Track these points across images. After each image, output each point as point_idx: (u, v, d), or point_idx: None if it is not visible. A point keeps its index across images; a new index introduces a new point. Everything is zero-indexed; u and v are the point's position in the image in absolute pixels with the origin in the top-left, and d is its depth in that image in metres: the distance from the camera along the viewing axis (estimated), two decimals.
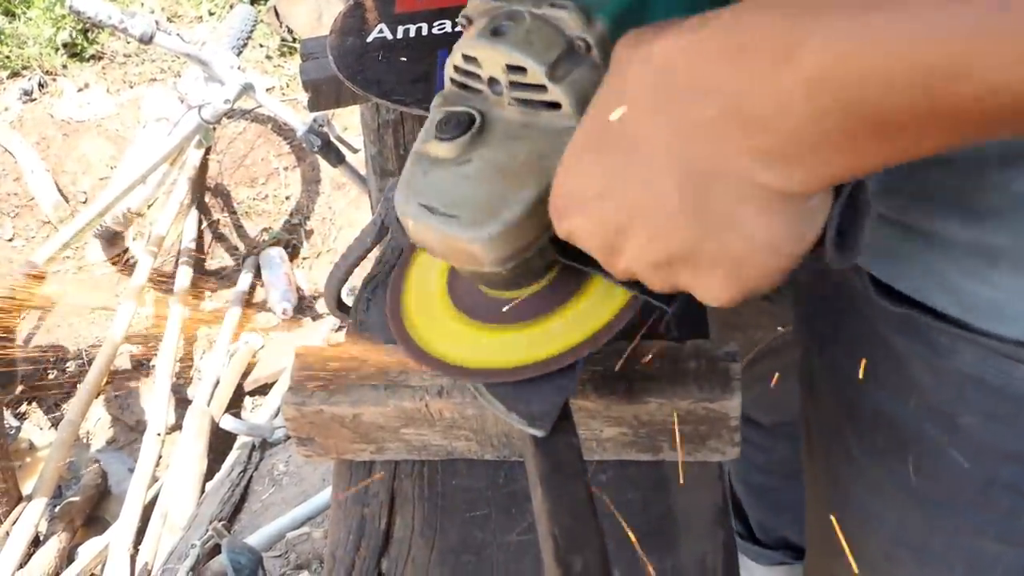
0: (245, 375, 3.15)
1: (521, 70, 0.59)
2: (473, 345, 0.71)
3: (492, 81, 0.61)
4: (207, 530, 2.14)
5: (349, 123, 3.58)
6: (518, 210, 0.58)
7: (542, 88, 0.59)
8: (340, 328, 3.10)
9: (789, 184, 0.45)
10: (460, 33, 0.62)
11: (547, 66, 0.58)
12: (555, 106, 0.60)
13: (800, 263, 0.51)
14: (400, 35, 1.51)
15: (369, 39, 1.51)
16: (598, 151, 0.52)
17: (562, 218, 0.56)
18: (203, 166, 3.74)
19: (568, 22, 0.59)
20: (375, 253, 1.10)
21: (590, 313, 0.68)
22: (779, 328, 1.15)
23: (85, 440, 3.05)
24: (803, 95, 0.41)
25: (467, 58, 0.61)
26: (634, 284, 0.59)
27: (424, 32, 1.51)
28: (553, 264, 0.67)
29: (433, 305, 0.75)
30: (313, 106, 1.78)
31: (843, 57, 0.39)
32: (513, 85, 0.60)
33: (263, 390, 3.12)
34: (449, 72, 0.64)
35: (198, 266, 3.53)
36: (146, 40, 2.80)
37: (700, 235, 0.49)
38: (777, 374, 1.14)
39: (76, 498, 2.71)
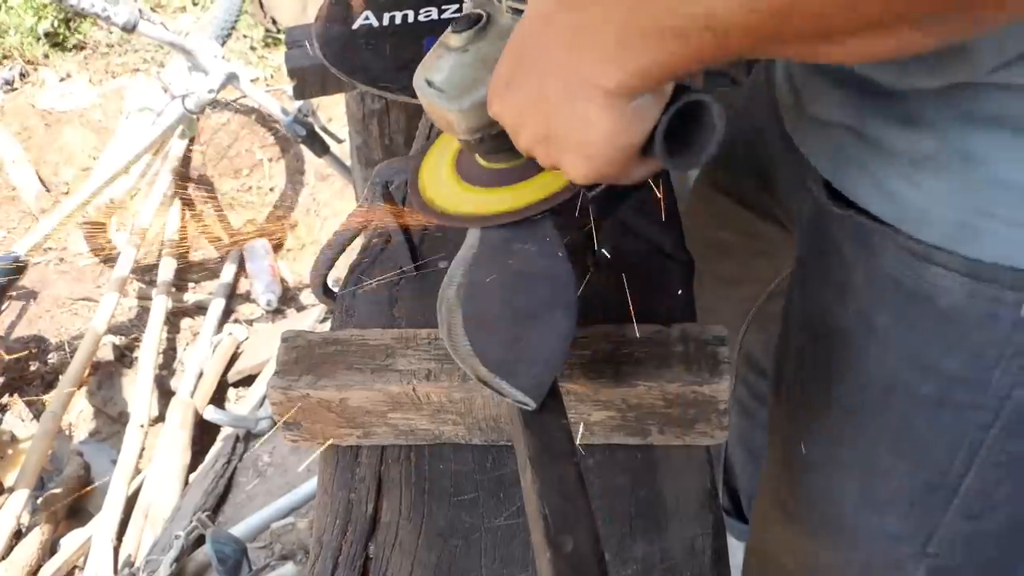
0: (229, 366, 3.13)
1: None
2: (462, 200, 0.83)
3: None
4: (191, 521, 2.13)
5: (334, 114, 3.56)
6: (484, 92, 0.69)
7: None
8: (325, 319, 3.09)
9: (611, 82, 0.56)
10: (446, 19, 0.72)
11: None
12: None
13: (641, 160, 0.63)
14: (386, 22, 1.50)
15: (355, 26, 1.51)
16: (511, 51, 0.64)
17: (490, 100, 0.67)
18: (186, 157, 3.72)
19: None
20: (360, 240, 1.10)
21: (552, 182, 0.78)
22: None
23: (67, 432, 3.02)
24: (625, 10, 0.52)
25: None
26: None
27: (410, 19, 1.50)
28: None
29: (442, 173, 0.87)
30: (298, 94, 1.77)
31: None
32: None
33: (247, 381, 3.10)
34: None
35: (181, 257, 3.51)
36: (129, 28, 2.78)
37: (558, 123, 0.61)
38: None
39: (58, 490, 2.69)
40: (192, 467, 2.70)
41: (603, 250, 0.94)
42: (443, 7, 1.50)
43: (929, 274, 0.78)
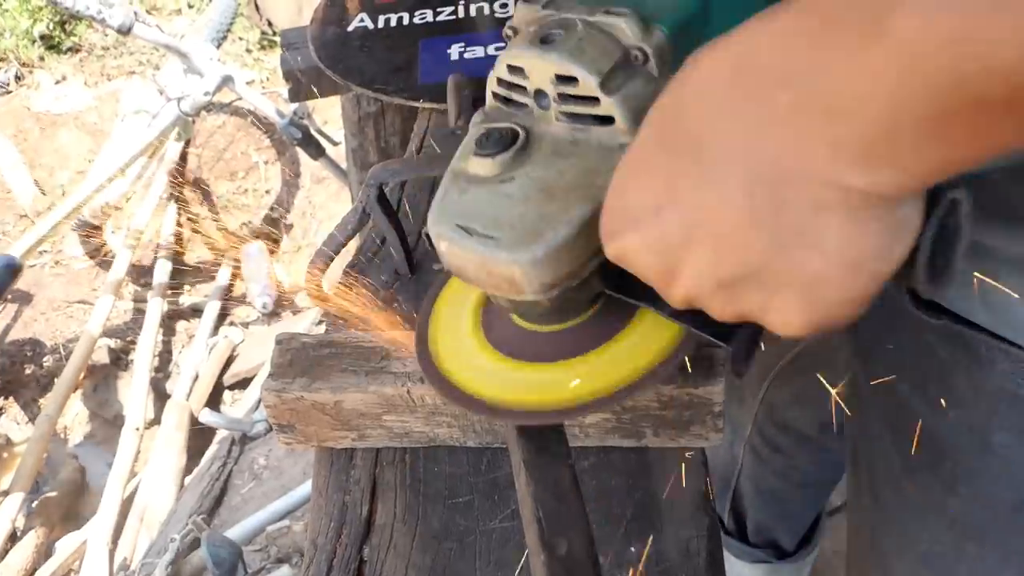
0: (224, 369, 3.13)
1: (572, 80, 0.55)
2: (504, 381, 0.66)
3: (539, 93, 0.57)
4: (186, 524, 2.13)
5: (329, 117, 3.56)
6: (564, 232, 0.54)
7: (594, 100, 0.55)
8: (321, 321, 3.09)
9: (876, 184, 0.39)
10: (441, 22, 0.59)
11: (600, 76, 0.54)
12: (608, 120, 0.56)
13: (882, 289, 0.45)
14: (381, 24, 1.51)
15: (350, 28, 1.51)
16: (656, 161, 0.46)
17: (613, 238, 0.50)
18: (182, 159, 3.72)
19: (624, 31, 0.55)
20: (356, 241, 1.10)
21: (635, 352, 0.64)
22: None
23: (63, 435, 3.02)
24: (894, 72, 0.35)
25: (512, 69, 0.58)
26: (689, 318, 0.55)
27: (405, 22, 1.50)
28: (598, 297, 0.63)
29: (463, 338, 0.70)
30: (294, 96, 1.77)
31: (938, 25, 0.33)
32: (562, 98, 0.56)
33: (243, 384, 3.10)
34: (491, 86, 0.60)
35: (177, 260, 3.51)
36: (124, 31, 2.78)
37: (772, 250, 0.43)
38: (820, 375, 1.08)
39: (53, 493, 2.69)
40: (188, 470, 2.69)
41: None
42: (438, 9, 1.51)
43: None
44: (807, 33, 0.38)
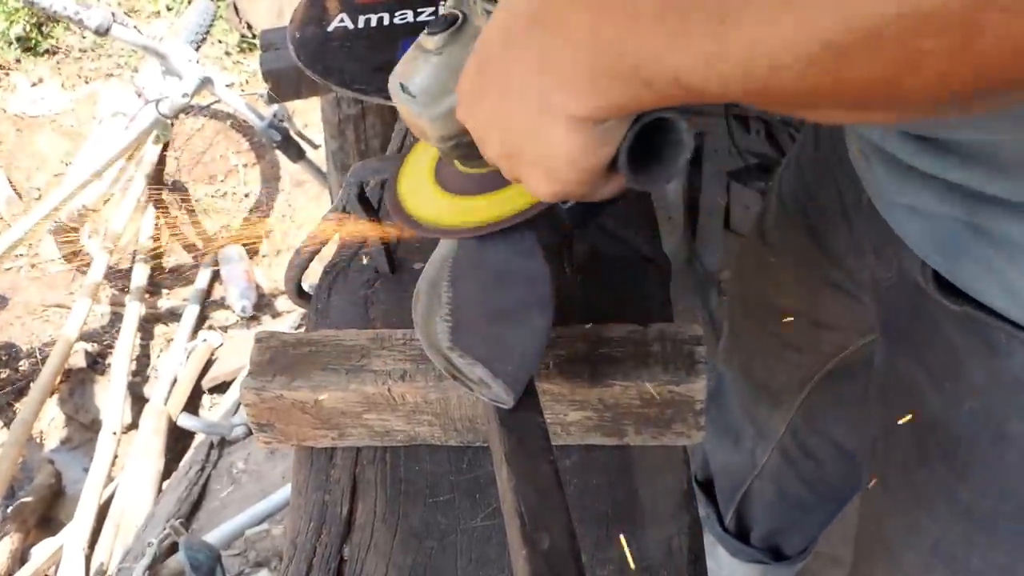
0: (203, 373, 3.10)
1: None
2: (442, 209, 0.80)
3: None
4: (164, 528, 2.11)
5: (309, 119, 3.55)
6: (454, 100, 0.66)
7: None
8: (301, 325, 3.07)
9: (576, 109, 0.54)
10: (422, 22, 0.68)
11: None
12: None
13: (607, 179, 0.61)
14: (361, 25, 1.50)
15: (330, 28, 1.50)
16: (475, 62, 0.61)
17: (458, 108, 0.65)
18: (160, 162, 3.69)
19: None
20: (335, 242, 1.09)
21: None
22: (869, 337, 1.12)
23: (38, 440, 2.99)
24: (585, 20, 0.50)
25: None
26: None
27: (386, 22, 1.49)
28: None
29: (421, 180, 0.84)
30: (274, 97, 1.76)
31: (607, 25, 0.49)
32: None
33: (221, 388, 3.08)
34: None
35: (155, 263, 3.48)
36: (102, 32, 2.75)
37: (521, 139, 0.59)
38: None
39: (29, 498, 2.66)
40: (166, 474, 2.67)
41: (577, 253, 0.94)
42: (419, 10, 1.50)
43: None
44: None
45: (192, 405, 3.01)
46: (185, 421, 2.57)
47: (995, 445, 0.78)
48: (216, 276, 3.47)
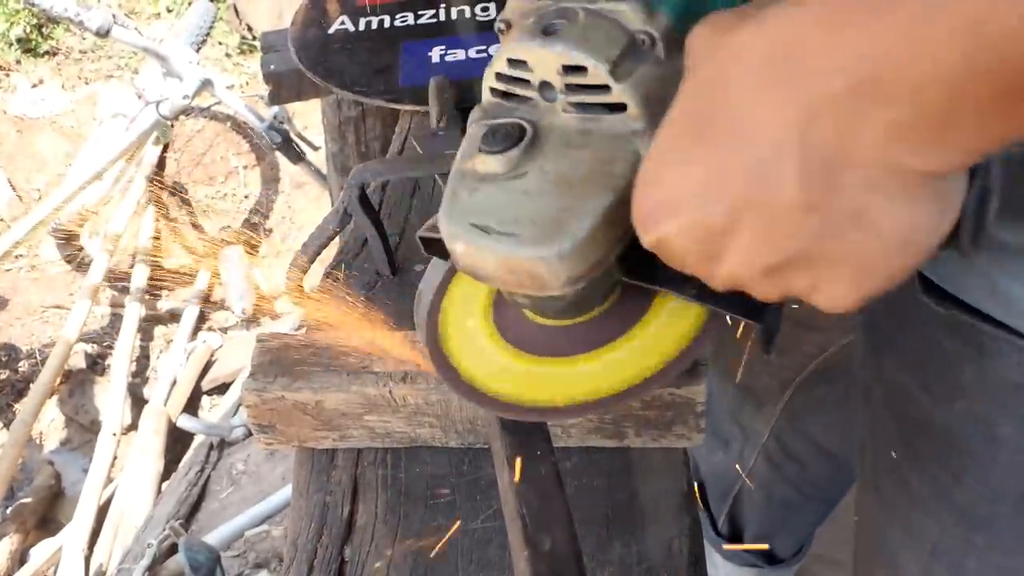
0: (203, 374, 3.11)
1: (580, 70, 0.54)
2: (527, 379, 0.65)
3: (544, 86, 0.56)
4: (164, 530, 2.11)
5: (309, 121, 3.55)
6: (588, 222, 0.52)
7: (604, 88, 0.54)
8: (300, 327, 3.07)
9: (933, 163, 0.40)
10: (423, 24, 0.57)
11: (609, 63, 0.53)
12: (619, 107, 0.55)
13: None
14: (362, 27, 1.50)
15: (331, 31, 1.50)
16: (693, 147, 0.46)
17: (651, 226, 0.49)
18: (160, 164, 3.69)
19: (628, 16, 0.54)
20: (337, 243, 1.10)
21: (660, 339, 0.63)
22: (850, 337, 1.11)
23: (38, 441, 2.99)
24: (957, 52, 0.35)
25: (513, 62, 0.56)
26: (714, 298, 0.54)
27: (387, 24, 1.50)
28: (614, 287, 0.62)
29: (477, 337, 0.69)
30: (274, 99, 1.76)
31: (998, 5, 0.33)
32: (570, 88, 0.55)
33: (221, 389, 3.08)
34: (489, 82, 0.59)
35: (155, 264, 3.48)
36: (103, 33, 2.76)
37: (824, 232, 0.43)
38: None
39: (28, 499, 2.66)
40: (165, 475, 2.67)
41: None
42: (419, 12, 1.51)
43: None
44: (854, 17, 0.38)
45: (192, 406, 3.02)
46: (185, 422, 2.57)
47: (987, 447, 0.77)
48: (216, 277, 3.48)
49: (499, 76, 0.58)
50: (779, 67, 0.41)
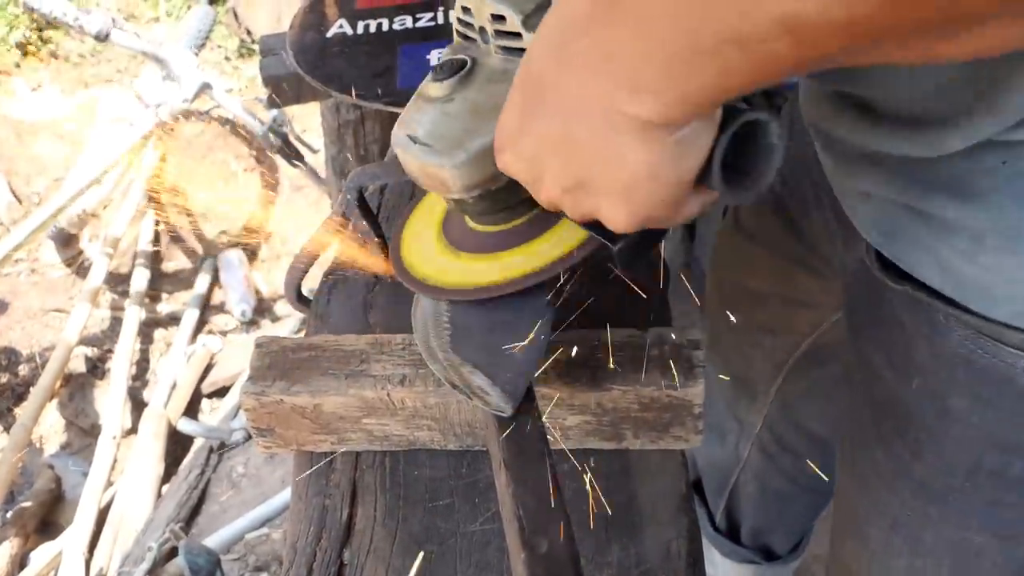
0: (203, 378, 3.11)
1: (502, 19, 0.65)
2: (449, 269, 0.78)
3: (482, 31, 0.68)
4: (164, 533, 2.11)
5: (308, 124, 3.56)
6: (481, 143, 0.65)
7: (518, 36, 0.65)
8: (300, 330, 3.07)
9: (650, 112, 0.49)
10: (420, 27, 0.65)
11: (523, 15, 0.64)
12: None
13: (693, 196, 0.56)
14: (360, 31, 1.51)
15: (329, 34, 1.51)
16: (518, 96, 0.57)
17: (498, 153, 0.61)
18: (160, 167, 3.69)
19: None
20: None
21: (554, 247, 0.73)
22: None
23: (38, 444, 2.99)
24: (668, 21, 0.44)
25: (464, 9, 0.68)
26: (587, 225, 0.63)
27: (385, 28, 1.50)
28: (530, 207, 0.73)
29: (429, 244, 0.82)
30: (273, 102, 1.76)
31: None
32: (497, 34, 0.66)
33: (221, 393, 3.08)
34: (455, 24, 0.71)
35: (155, 268, 3.48)
36: (102, 37, 2.76)
37: (590, 164, 0.54)
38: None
39: (28, 503, 2.66)
40: (165, 479, 2.67)
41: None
42: (417, 15, 1.51)
43: (1004, 354, 0.72)
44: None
45: (191, 409, 3.02)
46: (184, 425, 2.57)
47: (940, 420, 0.81)
48: (215, 280, 3.48)
49: (458, 20, 0.70)
50: (559, 27, 0.52)
